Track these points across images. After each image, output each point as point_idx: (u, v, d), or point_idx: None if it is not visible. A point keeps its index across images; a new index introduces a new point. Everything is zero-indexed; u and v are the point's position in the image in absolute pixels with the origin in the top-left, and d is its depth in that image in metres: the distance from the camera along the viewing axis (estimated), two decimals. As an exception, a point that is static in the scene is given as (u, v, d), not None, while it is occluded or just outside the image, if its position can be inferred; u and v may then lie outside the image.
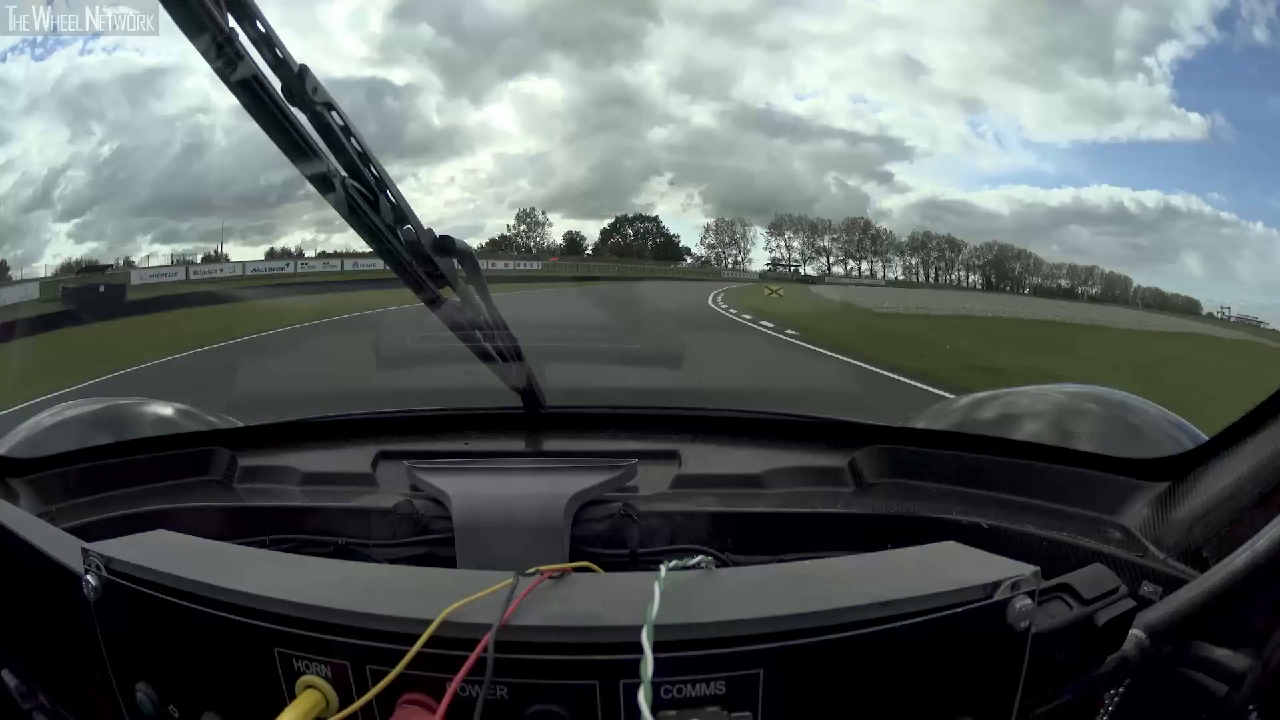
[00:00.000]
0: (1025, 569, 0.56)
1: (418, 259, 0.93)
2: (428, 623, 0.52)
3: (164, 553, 0.64)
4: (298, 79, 0.76)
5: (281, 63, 0.75)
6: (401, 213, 0.89)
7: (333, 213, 0.85)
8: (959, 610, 0.54)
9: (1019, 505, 0.89)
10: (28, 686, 0.80)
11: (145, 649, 0.63)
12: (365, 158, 0.84)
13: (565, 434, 1.19)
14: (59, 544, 0.71)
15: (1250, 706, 0.61)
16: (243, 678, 0.58)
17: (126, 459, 1.08)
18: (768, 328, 11.69)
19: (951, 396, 1.28)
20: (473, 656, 0.51)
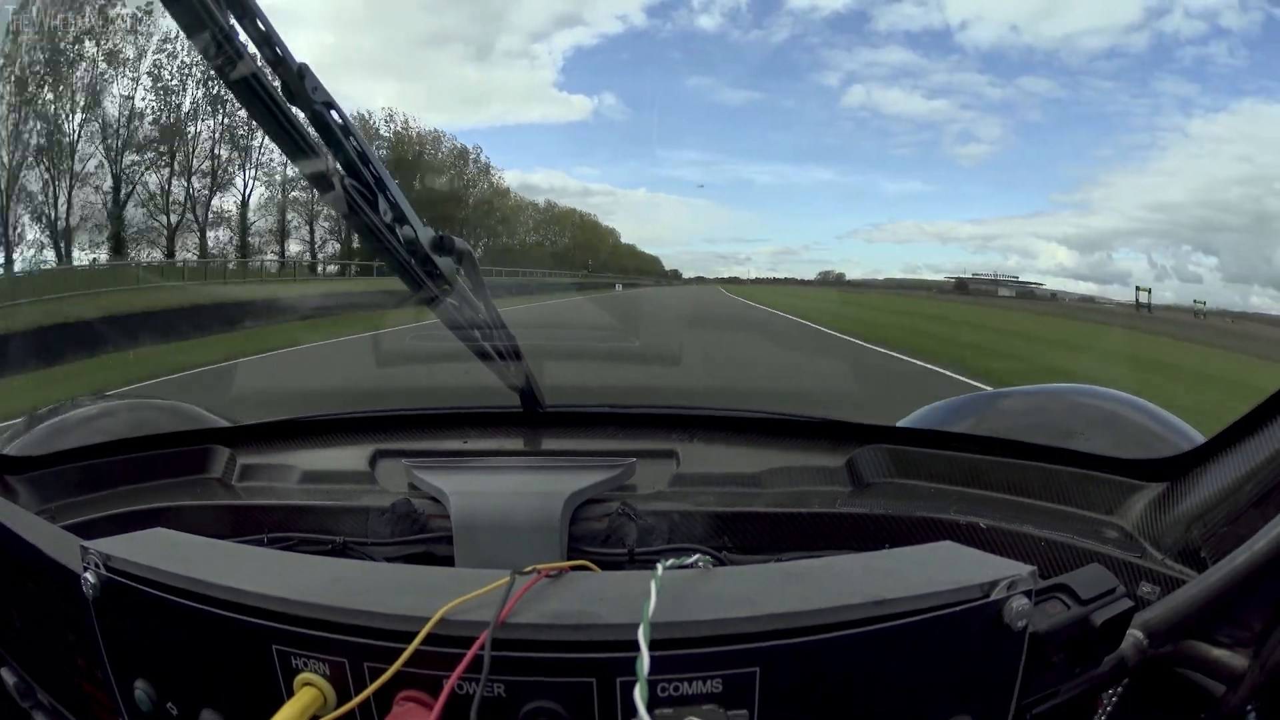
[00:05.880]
0: (1022, 569, 0.56)
1: (416, 258, 0.93)
2: (425, 620, 0.52)
3: (163, 550, 0.64)
4: (297, 77, 0.76)
5: (281, 61, 0.75)
6: (400, 212, 0.89)
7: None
8: (955, 609, 0.54)
9: (1017, 505, 0.89)
10: (26, 684, 0.80)
11: (144, 647, 0.63)
12: (364, 157, 0.84)
13: (563, 433, 1.19)
14: (58, 542, 0.71)
15: (1248, 707, 0.61)
16: (241, 675, 0.58)
17: (125, 457, 1.08)
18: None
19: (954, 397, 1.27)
20: (469, 654, 0.51)
